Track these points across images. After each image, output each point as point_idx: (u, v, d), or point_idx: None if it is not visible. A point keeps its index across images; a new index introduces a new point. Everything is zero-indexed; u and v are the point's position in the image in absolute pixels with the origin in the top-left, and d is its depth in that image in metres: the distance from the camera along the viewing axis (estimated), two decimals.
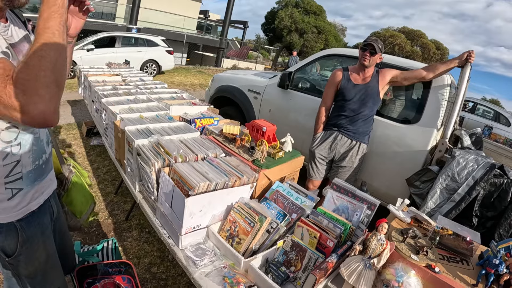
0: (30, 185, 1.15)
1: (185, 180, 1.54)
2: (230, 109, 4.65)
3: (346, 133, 2.81)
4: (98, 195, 3.43)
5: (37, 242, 1.22)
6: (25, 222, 1.15)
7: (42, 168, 1.20)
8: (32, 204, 1.17)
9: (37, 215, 1.21)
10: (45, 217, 1.28)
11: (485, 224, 2.50)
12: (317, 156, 2.93)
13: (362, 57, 2.70)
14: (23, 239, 1.15)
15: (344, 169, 2.86)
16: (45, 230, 1.27)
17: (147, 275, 2.45)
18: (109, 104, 2.68)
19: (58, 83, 0.90)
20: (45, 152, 1.21)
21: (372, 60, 2.69)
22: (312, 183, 3.03)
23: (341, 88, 2.83)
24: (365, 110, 2.75)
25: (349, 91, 2.77)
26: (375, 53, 2.65)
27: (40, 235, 1.23)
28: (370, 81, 2.76)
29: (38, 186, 1.20)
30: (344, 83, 2.81)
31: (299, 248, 1.47)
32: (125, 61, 6.97)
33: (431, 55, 27.40)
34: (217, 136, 2.23)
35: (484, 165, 2.48)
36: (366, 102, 2.74)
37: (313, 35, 24.03)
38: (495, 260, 1.26)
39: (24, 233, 1.15)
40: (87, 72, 4.28)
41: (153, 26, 17.14)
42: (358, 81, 2.79)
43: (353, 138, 2.80)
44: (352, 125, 2.79)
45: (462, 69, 2.71)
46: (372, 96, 2.74)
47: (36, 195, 1.19)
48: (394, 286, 1.21)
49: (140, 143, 1.92)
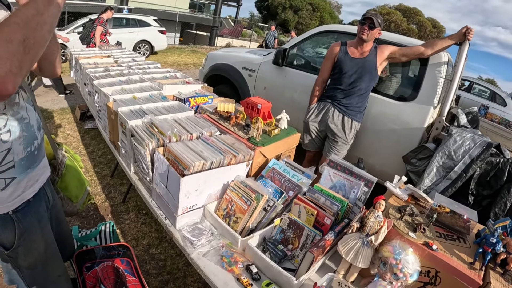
0: (24, 173, 1.10)
1: (179, 159, 1.51)
2: (225, 87, 4.60)
3: (338, 107, 2.80)
4: (94, 178, 3.40)
5: (34, 232, 1.19)
6: (21, 213, 1.12)
7: (34, 155, 1.15)
8: (26, 192, 1.14)
9: (32, 205, 1.17)
10: (41, 206, 1.25)
11: (481, 203, 2.52)
12: (311, 128, 2.95)
13: (361, 31, 2.66)
14: (20, 231, 1.12)
15: (338, 144, 2.87)
16: (42, 219, 1.24)
17: (146, 256, 2.46)
18: (101, 86, 2.62)
19: (27, 45, 0.79)
20: (37, 138, 1.16)
21: (370, 35, 2.65)
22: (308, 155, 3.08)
23: (337, 61, 2.81)
24: (361, 84, 2.73)
25: (346, 64, 2.75)
26: (374, 27, 2.61)
27: (38, 225, 1.21)
28: (367, 56, 2.73)
29: (31, 174, 1.15)
30: (341, 56, 2.79)
31: (296, 226, 1.46)
32: (116, 42, 6.83)
33: (427, 33, 27.17)
34: (211, 114, 2.20)
35: (481, 144, 2.47)
36: (362, 76, 2.72)
37: (308, 12, 23.70)
38: (492, 239, 1.25)
39: (21, 224, 1.12)
40: (78, 55, 4.17)
41: (144, 6, 16.78)
42: (355, 55, 2.76)
43: (345, 113, 2.80)
44: (346, 99, 2.78)
45: (460, 47, 2.67)
46: (369, 70, 2.72)
47: (30, 183, 1.15)
48: (392, 264, 1.20)
49: (133, 123, 1.88)
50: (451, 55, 3.04)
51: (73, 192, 1.75)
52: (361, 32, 2.66)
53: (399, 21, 25.47)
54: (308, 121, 2.95)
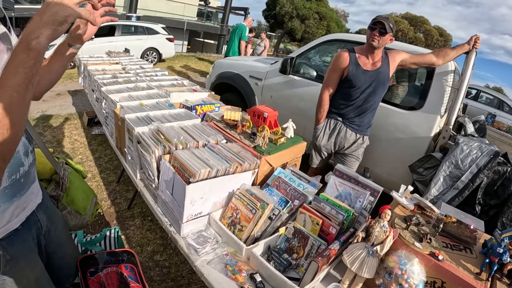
0: (8, 202, 1.03)
1: (185, 167, 1.52)
2: (232, 95, 4.63)
3: (350, 126, 2.65)
4: (100, 184, 3.43)
5: (23, 260, 1.12)
6: (7, 241, 1.05)
7: (20, 183, 1.07)
8: (12, 222, 1.06)
9: (20, 233, 1.10)
10: (30, 233, 1.17)
11: (488, 212, 2.49)
12: (322, 150, 2.81)
13: (371, 37, 2.42)
14: (6, 259, 1.05)
15: (350, 160, 2.79)
16: (31, 247, 1.17)
17: (150, 263, 2.46)
18: (108, 92, 2.65)
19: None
20: (23, 165, 1.07)
21: (382, 41, 2.40)
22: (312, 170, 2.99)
23: (349, 75, 2.54)
24: (374, 98, 2.56)
25: (359, 79, 2.51)
26: (385, 33, 2.37)
27: (28, 253, 1.15)
28: (380, 67, 2.51)
29: (18, 202, 1.07)
30: (353, 69, 2.52)
31: (302, 235, 1.45)
32: (125, 49, 6.90)
33: (434, 42, 27.09)
34: (218, 122, 2.21)
35: (488, 153, 2.46)
36: (376, 90, 2.53)
37: (315, 21, 23.73)
38: (499, 249, 1.24)
39: (7, 252, 1.04)
40: (86, 61, 4.23)
41: (153, 14, 17.00)
42: (367, 67, 2.52)
43: (357, 131, 2.67)
44: (359, 116, 2.61)
45: (467, 55, 2.66)
46: (382, 83, 2.53)
47: (17, 211, 1.08)
48: (397, 274, 1.19)
49: (140, 130, 1.89)
50: (457, 64, 3.03)
51: (80, 205, 1.74)
52: (371, 38, 2.41)
53: (406, 29, 25.46)
54: (320, 144, 2.78)
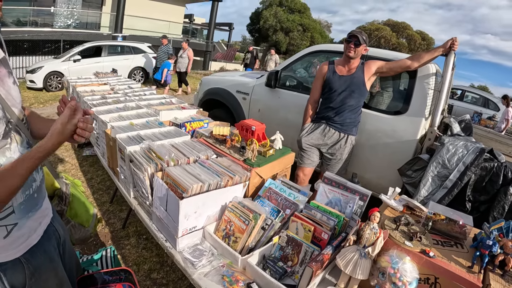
0: (25, 218, 1.06)
1: (178, 183, 1.55)
2: (220, 111, 4.65)
3: (333, 125, 2.85)
4: (93, 205, 3.39)
5: (45, 271, 1.14)
6: (29, 253, 1.08)
7: (34, 198, 1.11)
8: (32, 238, 1.10)
9: (41, 244, 1.13)
10: (50, 243, 1.21)
11: (479, 208, 2.53)
12: (304, 143, 2.97)
13: (347, 49, 2.73)
14: (30, 271, 1.07)
15: (333, 161, 2.91)
16: (53, 258, 1.20)
17: (147, 281, 2.44)
18: (99, 113, 2.67)
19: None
20: (35, 180, 1.11)
21: (357, 52, 2.72)
22: (302, 171, 3.04)
23: (326, 80, 2.89)
24: (351, 101, 2.80)
25: (334, 83, 2.82)
26: (360, 44, 2.69)
27: (49, 263, 1.16)
28: (355, 72, 2.80)
29: (34, 217, 1.11)
30: (329, 75, 2.87)
31: (295, 243, 1.48)
32: (112, 69, 6.94)
33: (417, 46, 27.61)
34: (207, 138, 2.24)
35: (473, 150, 2.51)
36: (351, 93, 2.78)
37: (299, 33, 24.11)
38: (488, 241, 1.28)
39: (30, 265, 1.08)
40: (75, 83, 4.25)
41: (138, 33, 17.02)
42: (343, 73, 2.84)
43: (340, 130, 2.84)
44: (339, 116, 2.83)
45: (446, 57, 2.74)
46: (358, 86, 2.78)
47: (34, 226, 1.11)
48: (390, 273, 1.22)
49: (132, 149, 1.92)
50: (439, 66, 3.11)
51: (83, 217, 1.76)
52: (347, 50, 2.74)
53: (388, 36, 25.93)
54: (301, 137, 2.98)
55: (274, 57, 12.81)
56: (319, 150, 2.98)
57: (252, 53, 13.71)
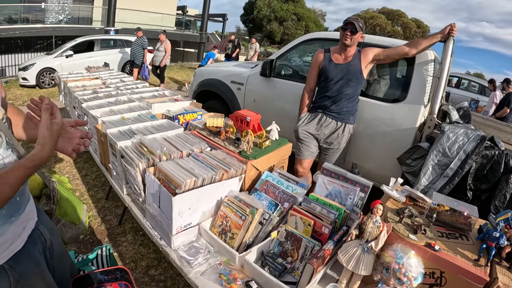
0: (7, 223, 1.01)
1: (170, 178, 1.49)
2: (215, 102, 4.58)
3: (330, 114, 2.80)
4: (89, 202, 3.35)
5: (31, 276, 1.10)
6: (13, 260, 1.03)
7: (16, 202, 1.06)
8: (16, 243, 1.05)
9: (26, 249, 1.09)
10: (36, 248, 1.16)
11: (480, 197, 2.49)
12: (301, 132, 2.90)
13: (343, 36, 2.66)
14: (15, 279, 1.02)
15: (331, 151, 2.86)
16: (39, 261, 1.15)
17: (145, 278, 2.40)
18: (89, 108, 2.60)
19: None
20: None
21: (353, 39, 2.65)
22: (300, 163, 2.97)
23: (322, 69, 2.82)
24: (347, 90, 2.73)
25: (331, 71, 2.76)
26: (356, 32, 2.62)
27: (35, 268, 1.12)
28: (351, 60, 2.74)
29: (17, 222, 1.06)
30: (325, 64, 2.80)
31: (294, 238, 1.43)
32: (104, 63, 6.83)
33: (413, 34, 27.59)
34: (201, 130, 2.18)
35: (474, 138, 2.46)
36: (348, 81, 2.73)
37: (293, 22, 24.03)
38: (495, 233, 1.23)
39: (15, 271, 1.02)
40: (66, 78, 4.16)
41: (131, 26, 16.80)
42: (339, 61, 2.77)
43: (337, 119, 2.79)
44: (336, 105, 2.77)
45: (445, 44, 2.68)
46: (354, 75, 2.72)
47: (18, 231, 1.06)
48: (394, 268, 1.17)
49: (122, 144, 1.85)
50: (437, 53, 3.05)
51: (74, 215, 1.71)
52: (343, 38, 2.66)
53: (383, 24, 25.84)
54: (298, 127, 2.91)
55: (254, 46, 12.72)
56: (316, 140, 2.92)
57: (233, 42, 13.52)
